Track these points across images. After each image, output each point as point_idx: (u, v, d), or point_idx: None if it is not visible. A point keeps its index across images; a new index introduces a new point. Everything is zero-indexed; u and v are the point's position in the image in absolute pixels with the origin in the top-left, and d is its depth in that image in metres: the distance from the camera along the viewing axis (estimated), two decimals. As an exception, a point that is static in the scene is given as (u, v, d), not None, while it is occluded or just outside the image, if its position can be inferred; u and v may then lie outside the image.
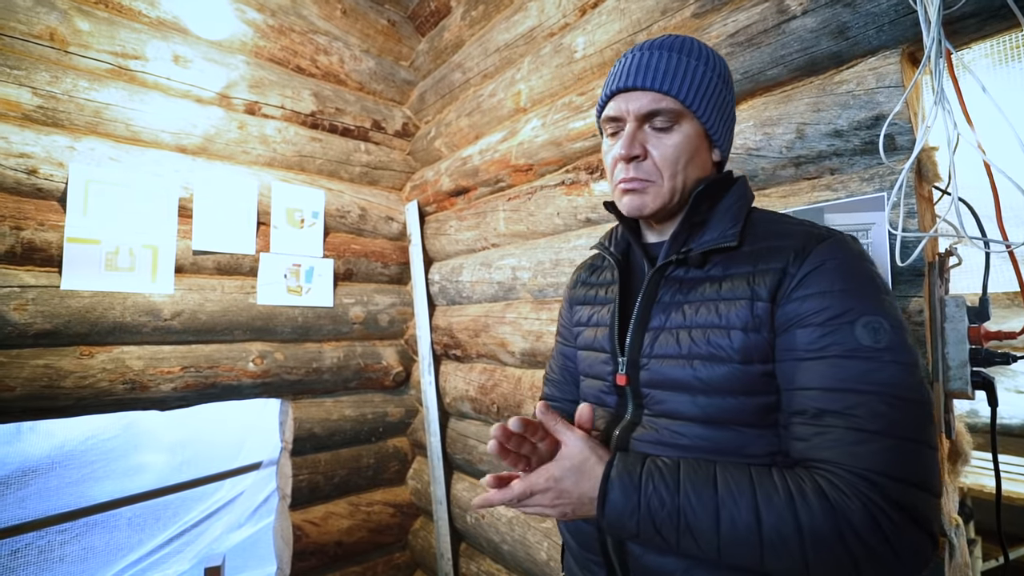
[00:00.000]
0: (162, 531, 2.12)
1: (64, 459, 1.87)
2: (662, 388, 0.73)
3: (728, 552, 0.59)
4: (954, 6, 0.89)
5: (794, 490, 0.57)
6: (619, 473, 0.64)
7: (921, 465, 0.56)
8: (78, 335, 1.65)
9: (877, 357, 0.59)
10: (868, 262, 0.67)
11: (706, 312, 0.70)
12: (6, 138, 1.56)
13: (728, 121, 0.78)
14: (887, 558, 0.54)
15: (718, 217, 0.75)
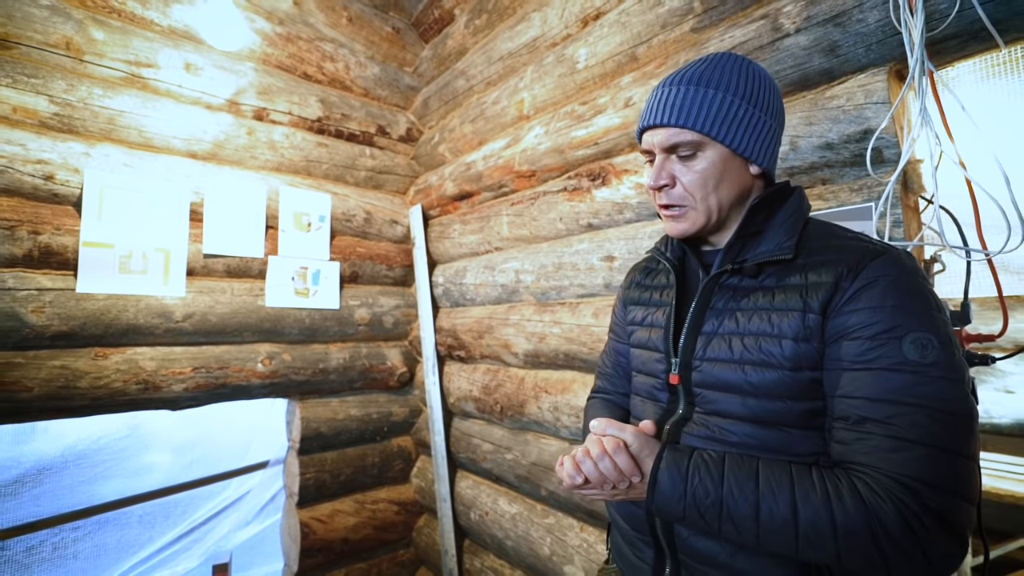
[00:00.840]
0: (171, 529, 2.15)
1: (77, 458, 1.91)
2: (713, 389, 0.77)
3: (766, 541, 0.64)
4: (937, 28, 0.95)
5: (831, 489, 0.62)
6: (668, 464, 0.71)
7: (957, 475, 0.59)
8: (93, 337, 1.70)
9: (923, 372, 0.61)
10: (922, 278, 0.68)
11: (759, 320, 0.74)
12: (24, 145, 1.60)
13: (762, 135, 0.78)
14: (917, 560, 0.57)
15: (774, 229, 0.78)
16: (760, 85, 0.79)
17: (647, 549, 0.83)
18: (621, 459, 0.72)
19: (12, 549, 1.75)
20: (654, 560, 0.82)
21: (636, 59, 1.54)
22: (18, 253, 1.57)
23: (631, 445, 0.74)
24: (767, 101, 0.79)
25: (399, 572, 2.44)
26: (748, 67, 0.79)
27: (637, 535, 0.84)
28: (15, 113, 1.60)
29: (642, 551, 0.84)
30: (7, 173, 1.57)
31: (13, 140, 1.58)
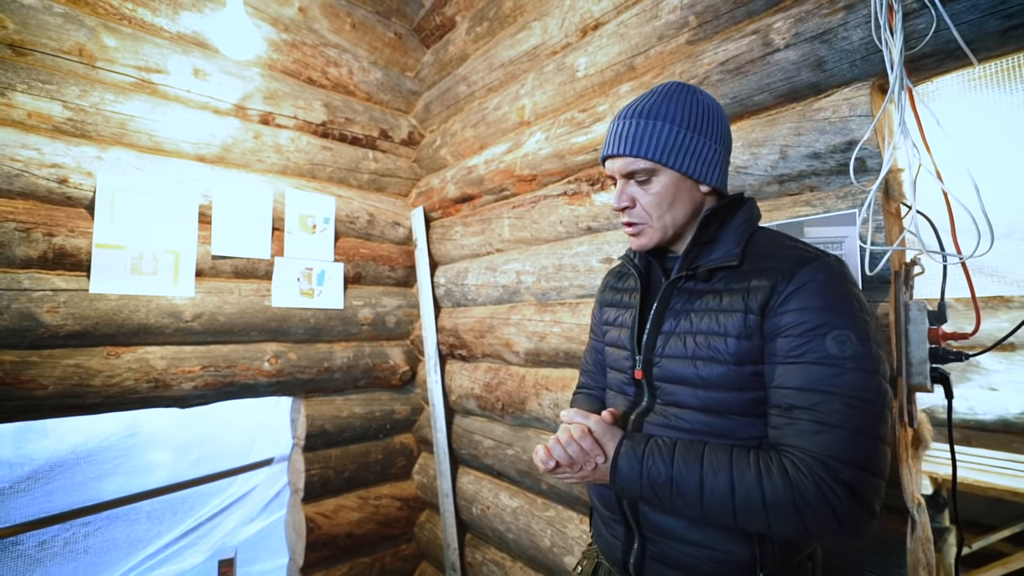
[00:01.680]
0: (179, 524, 2.20)
1: (88, 455, 1.95)
2: (670, 382, 0.87)
3: (709, 513, 0.75)
4: (915, 47, 1.02)
5: (763, 468, 0.72)
6: (627, 449, 0.82)
7: (868, 453, 0.69)
8: (106, 336, 1.74)
9: (842, 364, 0.71)
10: (847, 282, 0.78)
11: (708, 320, 0.83)
12: (39, 149, 1.64)
13: (708, 158, 0.88)
14: (832, 525, 0.68)
15: (725, 237, 0.88)
16: (704, 114, 0.88)
17: (618, 527, 0.93)
18: (586, 443, 0.83)
19: (25, 544, 1.79)
20: (624, 536, 0.92)
21: (634, 69, 1.60)
22: (33, 255, 1.62)
23: (594, 431, 0.85)
24: (711, 128, 0.88)
25: (402, 566, 2.49)
26: (693, 97, 0.89)
27: (610, 515, 0.94)
28: (30, 118, 1.64)
29: (615, 529, 0.94)
30: (23, 177, 1.61)
31: (28, 144, 1.63)
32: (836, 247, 1.11)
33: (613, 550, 0.95)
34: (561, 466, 0.84)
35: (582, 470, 0.84)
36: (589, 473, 0.84)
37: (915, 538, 1.05)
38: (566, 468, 0.84)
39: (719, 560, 0.81)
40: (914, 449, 1.09)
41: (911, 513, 1.04)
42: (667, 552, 0.85)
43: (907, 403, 1.05)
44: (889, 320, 1.05)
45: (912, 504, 1.05)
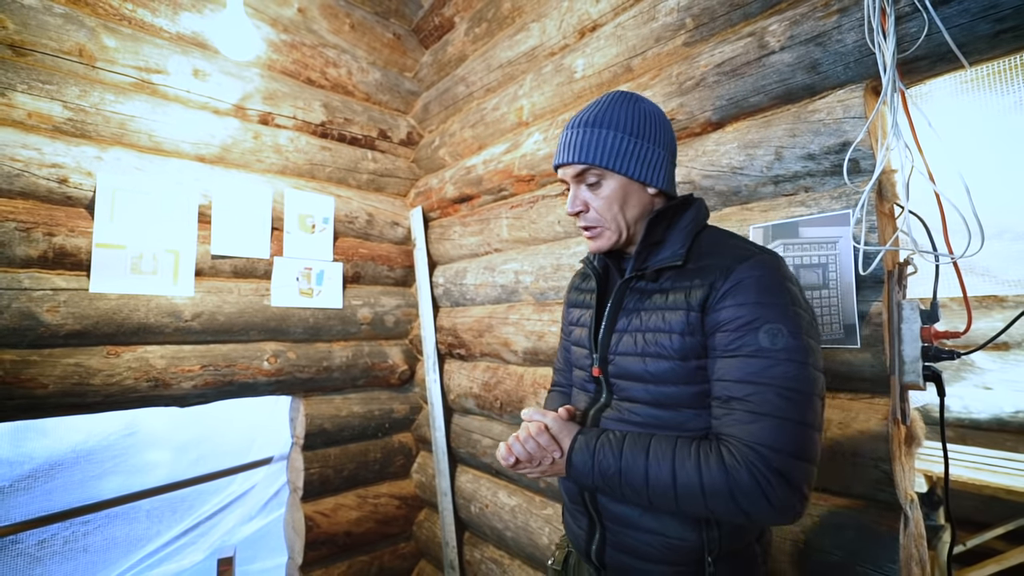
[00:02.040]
0: (178, 523, 2.20)
1: (87, 454, 1.95)
2: (624, 378, 0.92)
3: (654, 500, 0.80)
4: (908, 50, 1.03)
5: (702, 457, 0.77)
6: (580, 444, 0.87)
7: (798, 440, 0.73)
8: (106, 335, 1.75)
9: (774, 356, 0.75)
10: (783, 277, 0.81)
11: (656, 318, 0.88)
12: (39, 149, 1.65)
13: (652, 162, 0.91)
14: (764, 508, 0.72)
15: (672, 238, 0.92)
16: (647, 121, 0.92)
17: (582, 517, 0.98)
18: (543, 439, 0.88)
19: (25, 542, 1.80)
20: (587, 526, 0.97)
21: (631, 70, 1.61)
22: (34, 254, 1.62)
23: (551, 428, 0.90)
24: (653, 134, 0.92)
25: (401, 564, 2.51)
26: (637, 105, 0.93)
27: (575, 506, 1.00)
28: (30, 118, 1.65)
29: (579, 520, 0.99)
30: (23, 176, 1.62)
31: (29, 144, 1.63)
32: (830, 247, 1.13)
33: (578, 540, 1.00)
34: (521, 462, 0.89)
35: (541, 465, 0.89)
36: (548, 467, 0.89)
37: (908, 534, 1.06)
38: (526, 464, 0.89)
39: (671, 546, 0.85)
40: (907, 446, 1.11)
41: (904, 510, 1.06)
42: (624, 540, 0.90)
43: (900, 401, 1.06)
44: (882, 319, 1.07)
45: (905, 501, 1.06)
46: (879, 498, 1.08)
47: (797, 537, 1.18)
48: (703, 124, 1.42)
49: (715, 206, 1.41)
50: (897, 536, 1.03)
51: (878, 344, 1.07)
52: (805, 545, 1.16)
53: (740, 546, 0.87)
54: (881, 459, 1.05)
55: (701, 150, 1.41)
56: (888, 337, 1.07)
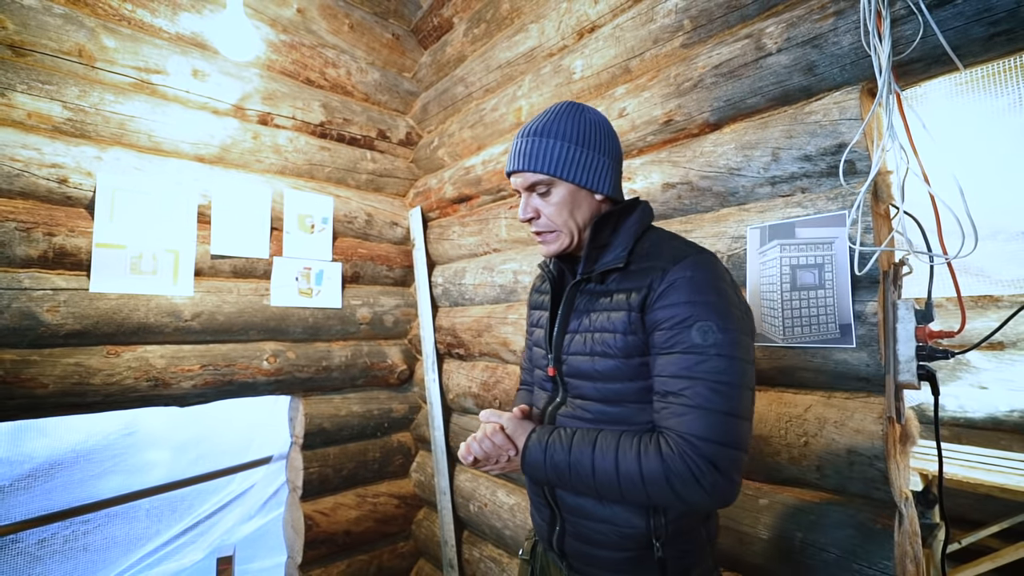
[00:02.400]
0: (177, 522, 2.21)
1: (87, 453, 1.95)
2: (576, 377, 0.97)
3: (601, 490, 0.85)
4: (903, 52, 1.04)
5: (642, 448, 0.82)
6: (533, 441, 0.92)
7: (728, 430, 0.78)
8: (105, 335, 1.75)
9: (705, 352, 0.80)
10: (715, 276, 0.86)
11: (603, 319, 0.93)
12: (39, 149, 1.65)
13: (597, 170, 0.96)
14: (698, 493, 0.78)
15: (617, 241, 0.96)
16: (592, 130, 0.97)
17: (545, 509, 1.03)
18: (498, 439, 0.94)
19: (25, 541, 1.80)
20: (549, 517, 1.02)
21: (629, 72, 1.62)
22: (34, 254, 1.63)
23: (507, 427, 0.95)
24: (599, 143, 0.97)
25: (400, 563, 2.51)
26: (582, 116, 0.97)
27: (538, 499, 1.05)
28: (30, 119, 1.65)
29: (543, 512, 1.04)
30: (23, 177, 1.62)
31: (28, 144, 1.63)
32: (826, 247, 1.14)
33: (542, 530, 1.05)
34: (479, 460, 0.95)
35: (499, 463, 0.95)
36: (505, 464, 0.95)
37: (903, 532, 1.07)
38: (484, 462, 0.95)
39: (622, 533, 0.91)
40: (902, 445, 1.12)
41: (899, 507, 1.07)
42: (581, 529, 0.96)
43: (895, 400, 1.07)
44: (878, 319, 1.08)
45: (900, 499, 1.08)
46: (874, 496, 1.09)
47: (793, 535, 1.19)
48: (701, 125, 1.43)
49: (712, 207, 1.42)
50: (892, 534, 1.05)
51: (873, 343, 1.08)
52: (800, 543, 1.17)
53: (686, 529, 0.92)
54: (876, 457, 1.07)
55: (699, 151, 1.42)
56: (883, 337, 1.08)
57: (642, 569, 0.91)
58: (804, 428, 1.19)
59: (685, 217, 1.49)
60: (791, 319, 1.19)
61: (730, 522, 1.31)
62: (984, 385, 2.82)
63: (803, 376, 1.22)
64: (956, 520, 2.74)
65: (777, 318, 1.22)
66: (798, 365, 1.21)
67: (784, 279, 1.20)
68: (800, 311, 1.18)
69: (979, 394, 2.83)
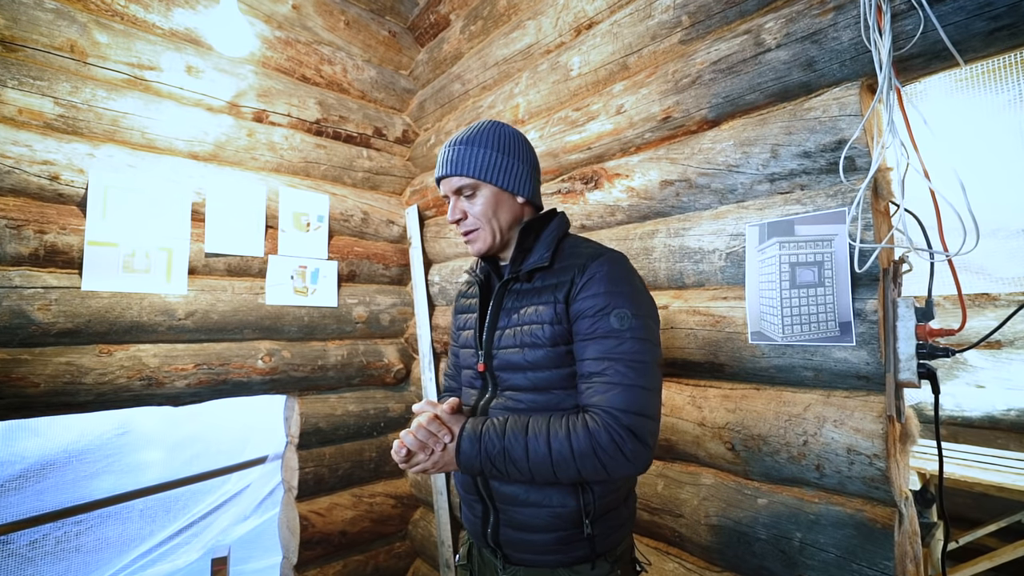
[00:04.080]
0: (172, 523, 2.19)
1: (80, 453, 1.93)
2: (506, 370, 1.03)
3: (535, 472, 0.90)
4: (903, 48, 1.03)
5: (571, 427, 0.89)
6: (467, 431, 0.94)
7: (644, 401, 0.88)
8: (98, 334, 1.73)
9: (622, 335, 0.90)
10: (626, 270, 0.98)
11: (531, 312, 1.00)
12: (30, 146, 1.63)
13: (517, 175, 1.07)
14: (621, 461, 0.86)
15: (540, 245, 1.06)
16: (511, 141, 1.08)
17: (477, 505, 1.06)
18: (433, 426, 0.94)
19: (16, 542, 1.78)
20: (482, 512, 1.06)
21: (627, 68, 1.61)
22: (24, 252, 1.61)
23: (442, 416, 0.97)
24: (517, 151, 1.08)
25: (396, 564, 2.50)
26: (502, 129, 1.08)
27: (470, 496, 1.08)
28: (21, 115, 1.63)
29: (475, 508, 1.07)
30: (14, 173, 1.60)
31: (19, 141, 1.61)
32: (826, 245, 1.13)
33: (475, 526, 1.08)
34: (413, 454, 0.94)
35: (433, 454, 0.94)
36: (439, 457, 0.94)
37: (903, 532, 1.06)
38: (419, 453, 0.94)
39: (555, 515, 0.97)
40: (902, 444, 1.11)
41: (898, 507, 1.06)
42: (515, 517, 1.00)
43: (895, 399, 1.06)
44: (878, 317, 1.07)
45: (899, 498, 1.07)
46: (874, 496, 1.08)
47: (792, 534, 1.18)
48: (699, 122, 1.42)
49: (711, 204, 1.41)
50: (892, 534, 1.04)
51: (873, 342, 1.07)
52: (800, 542, 1.16)
53: (611, 507, 1.00)
54: (876, 456, 1.06)
55: (697, 148, 1.41)
56: (883, 335, 1.07)
57: (573, 548, 0.97)
58: (803, 427, 1.18)
59: (683, 215, 1.48)
60: (790, 317, 1.18)
61: (728, 522, 1.30)
62: (981, 384, 2.82)
63: (802, 374, 1.21)
64: (953, 519, 2.74)
65: (776, 316, 1.20)
66: (797, 363, 1.20)
67: (783, 277, 1.19)
68: (799, 309, 1.17)
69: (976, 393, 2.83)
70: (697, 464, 1.43)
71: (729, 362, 1.33)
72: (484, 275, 1.16)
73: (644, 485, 1.52)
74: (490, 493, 1.03)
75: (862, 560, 1.07)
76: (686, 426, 1.42)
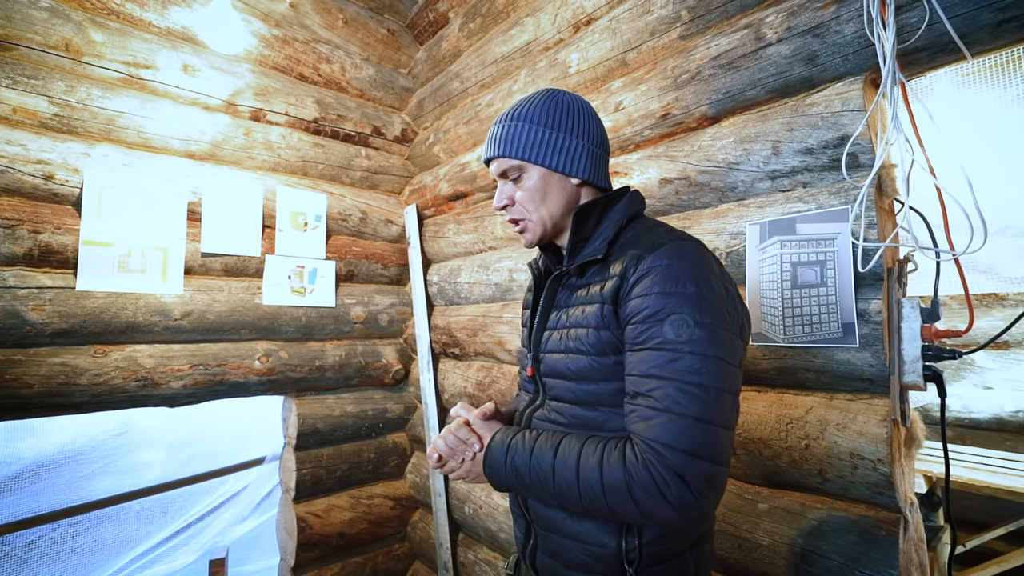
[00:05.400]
0: (169, 524, 2.18)
1: (75, 455, 1.92)
2: (552, 377, 0.91)
3: (560, 498, 0.78)
4: (908, 41, 1.00)
5: (605, 455, 0.74)
6: (497, 441, 0.87)
7: (697, 438, 0.69)
8: (93, 334, 1.72)
9: (678, 349, 0.71)
10: (697, 264, 0.76)
11: (578, 314, 0.86)
12: (24, 145, 1.62)
13: (571, 152, 0.91)
14: (661, 505, 0.69)
15: (600, 232, 0.90)
16: (565, 112, 0.91)
17: (521, 521, 0.97)
18: (462, 432, 0.89)
19: (11, 544, 1.77)
20: (525, 529, 0.96)
21: (626, 64, 1.59)
22: (18, 252, 1.59)
23: (472, 423, 0.91)
24: (571, 124, 0.91)
25: (394, 566, 2.48)
26: (557, 98, 0.93)
27: (516, 509, 0.99)
28: (15, 114, 1.62)
29: (519, 523, 0.98)
30: (8, 173, 1.59)
31: (13, 140, 1.60)
32: (829, 243, 1.10)
33: (520, 543, 1.00)
34: (444, 459, 0.89)
35: (464, 462, 0.88)
36: (470, 464, 0.88)
37: (907, 538, 1.03)
38: (449, 459, 0.89)
39: (591, 553, 0.83)
40: (907, 448, 1.08)
41: (903, 513, 1.03)
42: (551, 544, 0.89)
43: (900, 402, 1.03)
44: (882, 317, 1.04)
45: (904, 504, 1.04)
46: (878, 501, 1.06)
47: (794, 541, 1.15)
48: (699, 119, 1.39)
49: (711, 202, 1.38)
50: (897, 541, 1.01)
51: (877, 343, 1.04)
52: (802, 549, 1.14)
53: (667, 555, 0.81)
54: (880, 461, 1.03)
55: (697, 145, 1.38)
56: (888, 336, 1.05)
57: None
58: (805, 430, 1.15)
59: (683, 213, 1.45)
60: (792, 318, 1.15)
61: (728, 527, 1.27)
62: (989, 385, 2.77)
63: (804, 377, 1.18)
64: (961, 522, 2.70)
65: (777, 317, 1.18)
66: (799, 365, 1.17)
67: (785, 276, 1.17)
68: (801, 310, 1.14)
69: (984, 394, 2.79)
70: (697, 467, 1.40)
71: (729, 364, 1.30)
72: (544, 267, 1.03)
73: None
74: (529, 513, 0.93)
75: (866, 567, 1.04)
76: (686, 429, 1.39)
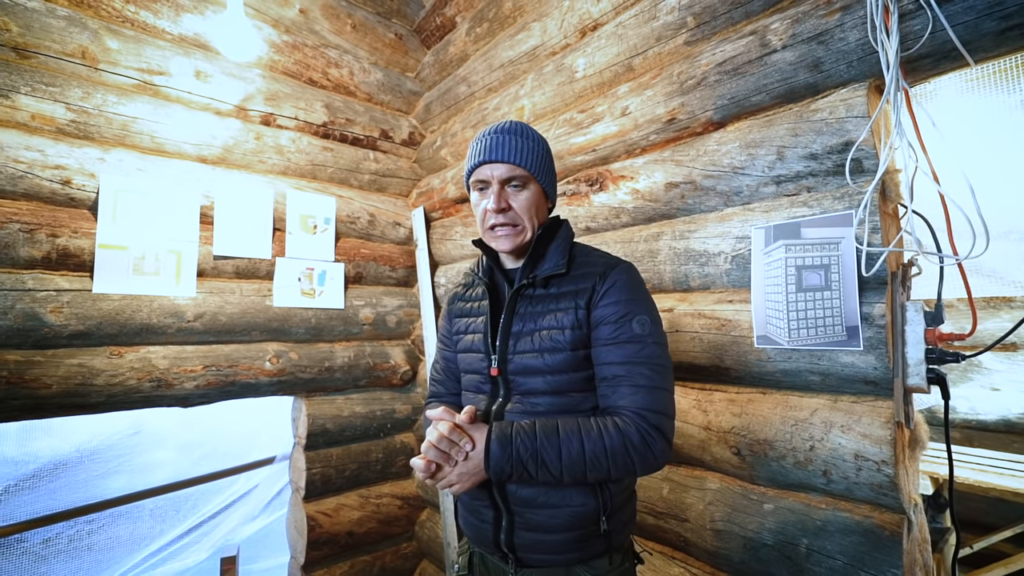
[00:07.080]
0: (181, 522, 2.22)
1: (92, 453, 1.96)
2: (523, 374, 1.02)
3: (568, 473, 0.91)
4: (912, 48, 1.02)
5: (602, 427, 0.92)
6: (496, 435, 0.93)
7: (666, 402, 0.94)
8: (109, 336, 1.76)
9: (644, 340, 0.95)
10: (640, 280, 1.03)
11: (550, 318, 1.01)
12: (42, 151, 1.66)
13: (553, 181, 1.10)
14: (650, 458, 0.91)
15: (552, 251, 1.06)
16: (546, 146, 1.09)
17: (486, 510, 1.04)
18: (454, 435, 0.92)
19: (30, 541, 1.81)
20: (493, 517, 1.03)
21: (632, 70, 1.60)
22: (37, 255, 1.63)
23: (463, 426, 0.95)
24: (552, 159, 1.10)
25: (403, 564, 2.51)
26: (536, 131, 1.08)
27: (478, 502, 1.05)
28: (34, 120, 1.65)
29: (483, 513, 1.05)
30: (27, 178, 1.63)
31: (32, 146, 1.64)
32: (833, 248, 1.11)
33: (483, 533, 1.05)
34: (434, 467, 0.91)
35: (457, 465, 0.92)
36: (463, 466, 0.92)
37: (911, 539, 1.05)
38: (443, 465, 0.92)
39: (575, 514, 0.97)
40: (911, 450, 1.09)
41: (907, 514, 1.04)
42: (532, 519, 0.99)
43: (904, 404, 1.05)
44: (886, 321, 1.06)
45: (909, 505, 1.05)
46: (882, 502, 1.07)
47: (798, 541, 1.17)
48: (704, 124, 1.40)
49: (716, 206, 1.40)
50: (901, 541, 1.02)
51: (881, 346, 1.06)
52: (806, 549, 1.15)
53: (622, 503, 1.03)
54: (884, 463, 1.04)
55: (702, 150, 1.40)
56: (891, 339, 1.06)
57: (590, 545, 0.99)
58: (810, 432, 1.17)
59: (689, 217, 1.47)
60: (796, 321, 1.17)
61: (734, 527, 1.29)
62: (996, 387, 2.77)
63: (809, 379, 1.19)
64: (967, 524, 2.70)
65: (782, 320, 1.19)
66: (804, 368, 1.19)
67: (789, 280, 1.18)
68: (806, 313, 1.16)
69: (991, 396, 2.78)
70: (703, 468, 1.42)
71: (735, 366, 1.32)
72: (489, 277, 1.13)
73: (649, 489, 1.51)
74: (505, 497, 1.00)
75: (870, 568, 1.05)
76: (692, 430, 1.41)
